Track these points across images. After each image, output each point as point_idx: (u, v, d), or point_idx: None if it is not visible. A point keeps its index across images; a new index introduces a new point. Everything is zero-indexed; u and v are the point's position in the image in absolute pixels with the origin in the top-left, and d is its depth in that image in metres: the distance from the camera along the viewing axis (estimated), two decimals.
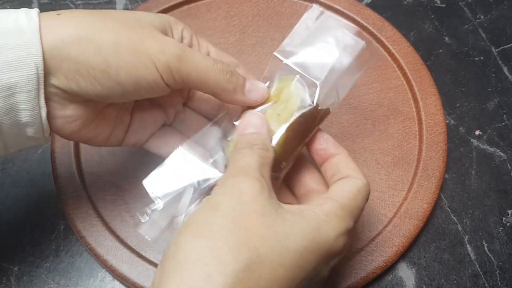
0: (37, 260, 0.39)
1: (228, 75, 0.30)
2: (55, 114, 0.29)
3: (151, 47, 0.27)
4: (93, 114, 0.31)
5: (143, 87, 0.28)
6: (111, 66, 0.27)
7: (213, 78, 0.29)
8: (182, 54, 0.28)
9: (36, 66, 0.26)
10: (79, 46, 0.27)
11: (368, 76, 0.47)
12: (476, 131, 0.46)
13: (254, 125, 0.30)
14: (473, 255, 0.40)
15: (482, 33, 0.52)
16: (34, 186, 0.42)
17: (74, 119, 0.30)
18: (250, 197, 0.25)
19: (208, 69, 0.29)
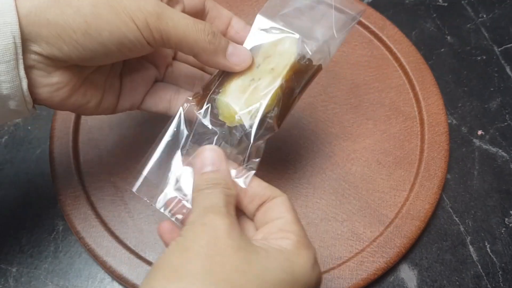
0: (36, 261, 0.39)
1: (209, 36, 0.29)
2: (41, 82, 0.28)
3: (130, 4, 0.27)
4: (80, 80, 0.30)
5: (125, 45, 0.28)
6: (92, 27, 0.26)
7: (193, 38, 0.29)
8: (160, 12, 0.27)
9: (13, 34, 0.25)
10: (57, 9, 0.26)
11: (369, 76, 0.47)
12: (479, 131, 0.46)
13: (211, 162, 0.29)
14: (475, 256, 0.40)
15: (484, 32, 0.52)
16: (33, 187, 0.42)
17: (60, 86, 0.29)
18: (223, 233, 0.24)
19: (188, 28, 0.28)
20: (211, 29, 0.29)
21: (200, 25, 0.29)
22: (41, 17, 0.26)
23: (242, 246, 0.24)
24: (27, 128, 0.45)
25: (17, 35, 0.25)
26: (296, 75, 0.31)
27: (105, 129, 0.44)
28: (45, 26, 0.26)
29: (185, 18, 0.29)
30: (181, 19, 0.28)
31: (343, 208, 0.41)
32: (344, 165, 0.43)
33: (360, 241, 0.39)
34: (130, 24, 0.27)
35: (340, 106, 0.46)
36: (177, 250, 0.24)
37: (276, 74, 0.31)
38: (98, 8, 0.26)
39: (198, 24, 0.29)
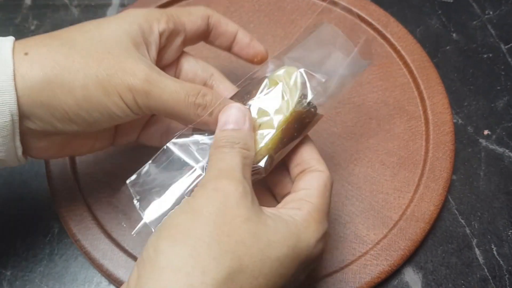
0: (31, 264, 0.39)
1: (199, 110, 0.30)
2: (30, 146, 0.30)
3: (119, 83, 0.28)
4: (69, 139, 0.32)
5: (115, 120, 0.30)
6: (83, 109, 0.28)
7: (182, 113, 0.30)
8: (148, 90, 0.28)
9: (11, 113, 0.27)
10: (50, 92, 0.28)
11: (373, 74, 0.47)
12: (485, 130, 0.46)
13: (235, 120, 0.30)
14: (481, 259, 0.40)
15: (491, 30, 0.52)
16: (27, 188, 0.42)
17: (49, 148, 0.31)
18: (234, 201, 0.25)
19: (177, 104, 0.29)
20: (203, 101, 0.30)
21: (191, 98, 0.29)
22: (35, 99, 0.27)
23: (251, 217, 0.25)
24: None
25: (15, 113, 0.27)
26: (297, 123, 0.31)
27: None
28: (39, 107, 0.28)
29: (174, 92, 0.29)
30: (170, 95, 0.29)
31: (345, 210, 0.41)
32: (346, 165, 0.43)
33: (363, 243, 0.39)
34: (119, 104, 0.29)
35: (343, 105, 0.46)
36: (187, 212, 0.25)
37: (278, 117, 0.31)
38: (89, 91, 0.28)
39: (189, 97, 0.29)
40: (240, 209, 0.25)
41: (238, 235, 0.24)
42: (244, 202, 0.25)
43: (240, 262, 0.23)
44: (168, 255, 0.23)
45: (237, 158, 0.28)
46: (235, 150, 0.28)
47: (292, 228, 0.26)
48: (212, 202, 0.25)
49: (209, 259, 0.23)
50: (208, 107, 0.30)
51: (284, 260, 0.25)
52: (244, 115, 0.30)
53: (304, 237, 0.26)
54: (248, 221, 0.25)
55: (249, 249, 0.24)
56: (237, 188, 0.26)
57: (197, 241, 0.24)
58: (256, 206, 0.26)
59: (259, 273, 0.24)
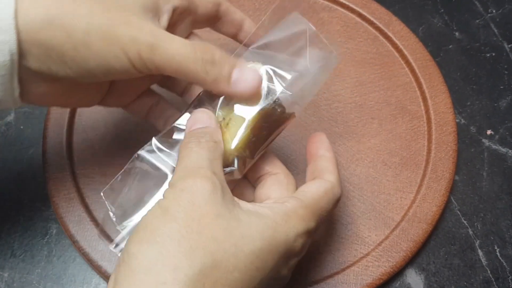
0: (28, 266, 0.39)
1: (208, 66, 0.28)
2: (27, 90, 0.29)
3: (122, 34, 0.27)
4: (65, 88, 0.31)
5: (114, 75, 0.29)
6: (80, 55, 0.27)
7: (190, 69, 0.28)
8: (154, 43, 0.27)
9: (11, 52, 0.26)
10: (49, 32, 0.27)
11: (374, 73, 0.47)
12: (488, 130, 0.46)
13: (201, 121, 0.30)
14: (484, 261, 0.40)
15: (494, 28, 0.52)
16: (25, 188, 0.42)
17: (44, 94, 0.30)
18: (202, 199, 0.25)
19: (185, 60, 0.28)
20: (212, 57, 0.29)
21: (198, 53, 0.28)
22: (34, 37, 0.27)
23: (221, 213, 0.25)
24: (19, 128, 0.45)
25: (15, 53, 0.27)
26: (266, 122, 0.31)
27: (100, 129, 0.44)
28: (36, 46, 0.27)
29: (182, 47, 0.28)
30: (177, 50, 0.28)
31: (347, 211, 0.41)
32: (348, 166, 0.43)
33: (365, 244, 0.39)
34: (120, 57, 0.27)
35: (344, 105, 0.46)
36: (156, 214, 0.25)
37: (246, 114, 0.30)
38: (90, 36, 0.27)
39: (197, 52, 0.28)
40: (209, 206, 0.25)
41: (209, 231, 0.24)
42: (213, 198, 0.25)
43: (213, 258, 0.23)
44: (138, 256, 0.24)
45: (203, 152, 0.28)
46: (201, 145, 0.28)
47: (268, 221, 0.26)
48: (180, 201, 0.25)
49: (180, 256, 0.23)
50: (217, 64, 0.29)
51: (259, 253, 0.25)
52: (209, 116, 0.30)
53: (281, 229, 0.26)
54: (218, 217, 0.25)
55: (221, 244, 0.24)
56: (204, 185, 0.25)
57: (166, 239, 0.24)
58: (228, 201, 0.26)
59: (234, 268, 0.24)
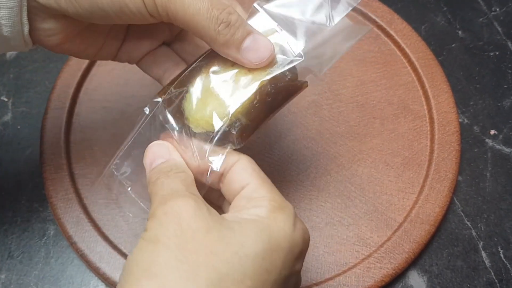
0: (26, 268, 0.39)
1: (221, 26, 0.27)
2: (34, 26, 0.29)
3: None
4: (76, 29, 0.30)
5: (126, 15, 0.28)
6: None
7: (201, 25, 0.27)
8: None
9: None
10: None
11: (376, 72, 0.47)
12: (491, 130, 0.46)
13: (160, 155, 0.29)
14: (488, 262, 0.40)
15: (497, 27, 0.52)
16: (22, 189, 0.43)
17: (54, 32, 0.30)
18: (188, 217, 0.24)
19: (198, 13, 0.27)
20: (227, 18, 0.27)
21: (214, 11, 0.27)
22: None
23: (212, 226, 0.24)
24: (17, 128, 0.45)
25: None
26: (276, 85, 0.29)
27: (98, 129, 0.44)
28: None
29: (199, 0, 0.27)
30: (193, 1, 0.27)
31: (349, 212, 0.41)
32: (350, 166, 0.43)
33: (366, 246, 0.39)
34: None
35: (345, 104, 0.46)
36: (145, 246, 0.24)
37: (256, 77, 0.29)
38: None
39: (213, 9, 0.27)
40: (198, 222, 0.24)
41: (205, 247, 0.23)
42: (199, 214, 0.24)
43: (217, 271, 0.23)
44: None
45: (175, 180, 0.27)
46: (170, 178, 0.27)
47: (260, 224, 0.25)
48: (166, 226, 0.24)
49: (183, 281, 0.22)
50: (231, 26, 0.27)
51: (264, 254, 0.24)
52: (168, 147, 0.29)
53: (276, 227, 0.25)
54: (211, 231, 0.24)
55: (222, 256, 0.23)
56: (187, 203, 0.25)
57: (164, 269, 0.23)
58: (214, 215, 0.25)
59: (243, 276, 0.23)
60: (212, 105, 0.29)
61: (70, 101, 0.45)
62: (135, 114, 0.45)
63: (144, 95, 0.46)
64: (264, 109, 0.29)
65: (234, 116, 0.28)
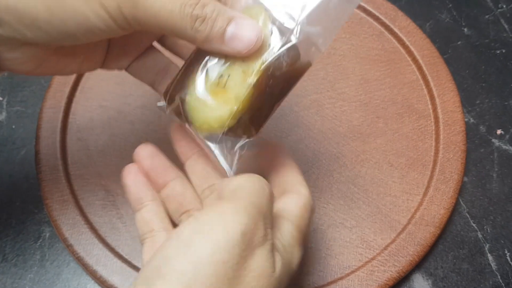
0: (20, 271, 0.39)
1: (197, 23, 0.26)
2: (2, 56, 0.28)
3: None
4: (48, 53, 0.30)
5: (96, 34, 0.27)
6: (55, 16, 0.26)
7: (178, 27, 0.26)
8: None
9: None
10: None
11: (380, 71, 0.47)
12: (498, 130, 0.46)
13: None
14: (494, 265, 0.40)
15: (504, 24, 0.52)
16: (17, 190, 0.43)
17: (25, 60, 0.29)
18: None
19: (171, 16, 0.26)
20: (202, 12, 0.26)
21: (187, 8, 0.26)
22: (2, 3, 0.25)
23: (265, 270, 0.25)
24: (11, 127, 0.46)
25: None
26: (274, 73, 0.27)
27: (95, 129, 0.44)
28: (3, 11, 0.26)
29: (168, 1, 0.26)
30: (162, 4, 0.26)
31: (352, 214, 0.41)
32: (353, 167, 0.43)
33: (370, 249, 0.39)
34: (100, 14, 0.26)
35: (348, 104, 0.46)
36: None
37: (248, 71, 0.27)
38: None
39: (185, 6, 0.26)
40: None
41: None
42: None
43: None
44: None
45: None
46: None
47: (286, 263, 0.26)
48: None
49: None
50: (208, 20, 0.26)
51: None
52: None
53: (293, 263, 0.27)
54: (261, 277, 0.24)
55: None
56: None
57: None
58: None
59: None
60: (211, 107, 0.28)
61: (66, 100, 0.45)
62: (132, 113, 0.45)
63: (141, 94, 0.46)
64: (267, 100, 0.28)
65: (235, 117, 0.28)
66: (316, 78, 0.47)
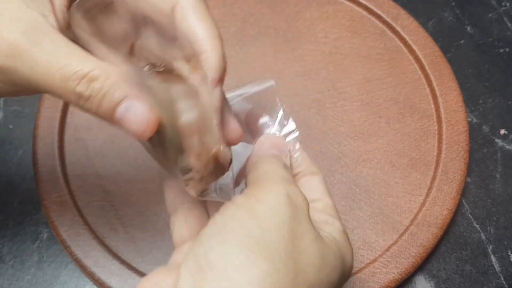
0: (18, 273, 0.39)
1: (82, 101, 0.23)
2: None
3: None
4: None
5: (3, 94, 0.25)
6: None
7: (57, 87, 0.23)
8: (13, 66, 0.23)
9: None
10: None
11: (382, 70, 0.47)
12: (501, 130, 0.46)
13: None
14: (497, 267, 0.40)
15: (507, 22, 0.52)
16: (14, 191, 0.43)
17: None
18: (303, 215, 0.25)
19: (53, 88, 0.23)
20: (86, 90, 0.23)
21: (71, 83, 0.23)
22: None
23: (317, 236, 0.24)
24: (8, 127, 0.46)
25: None
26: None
27: (93, 129, 0.44)
28: None
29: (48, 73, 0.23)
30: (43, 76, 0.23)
31: (353, 215, 0.41)
32: (354, 167, 0.43)
33: (372, 250, 0.39)
34: None
35: (350, 103, 0.46)
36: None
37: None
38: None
39: (68, 82, 0.23)
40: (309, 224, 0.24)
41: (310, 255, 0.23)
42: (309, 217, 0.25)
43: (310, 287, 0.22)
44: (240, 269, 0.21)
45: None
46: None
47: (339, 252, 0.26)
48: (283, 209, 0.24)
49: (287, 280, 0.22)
50: (93, 99, 0.23)
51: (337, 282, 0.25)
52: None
53: (347, 260, 0.26)
54: (316, 241, 0.24)
55: (319, 274, 0.23)
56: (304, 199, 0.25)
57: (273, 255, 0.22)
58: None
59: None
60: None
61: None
62: None
63: None
64: None
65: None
66: (317, 77, 0.47)
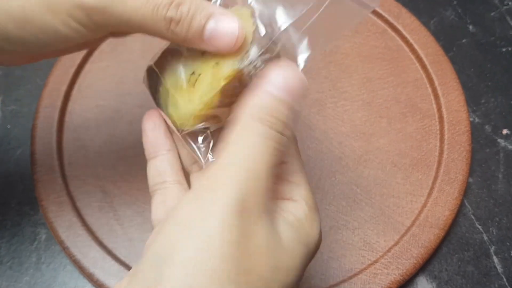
0: (16, 274, 0.39)
1: (173, 25, 0.25)
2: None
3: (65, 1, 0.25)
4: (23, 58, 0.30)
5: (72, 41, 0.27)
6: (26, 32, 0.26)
7: (154, 30, 0.26)
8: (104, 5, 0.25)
9: None
10: None
11: (383, 69, 0.47)
12: (504, 130, 0.46)
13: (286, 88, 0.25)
14: (500, 268, 0.40)
15: (510, 21, 0.52)
16: (12, 191, 0.43)
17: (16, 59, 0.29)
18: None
19: (144, 20, 0.25)
20: (176, 12, 0.25)
21: (160, 10, 0.25)
22: None
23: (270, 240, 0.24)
24: (6, 127, 0.46)
25: None
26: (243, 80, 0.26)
27: (92, 128, 0.44)
28: None
29: (140, 5, 0.25)
30: (134, 9, 0.25)
31: (354, 215, 0.41)
32: (355, 167, 0.43)
33: (373, 251, 0.39)
34: (70, 24, 0.26)
35: (351, 103, 0.46)
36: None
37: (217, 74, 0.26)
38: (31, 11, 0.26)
39: (157, 9, 0.25)
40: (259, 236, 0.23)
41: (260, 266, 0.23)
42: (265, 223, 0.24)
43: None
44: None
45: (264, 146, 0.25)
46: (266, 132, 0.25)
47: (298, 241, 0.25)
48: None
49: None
50: (184, 21, 0.25)
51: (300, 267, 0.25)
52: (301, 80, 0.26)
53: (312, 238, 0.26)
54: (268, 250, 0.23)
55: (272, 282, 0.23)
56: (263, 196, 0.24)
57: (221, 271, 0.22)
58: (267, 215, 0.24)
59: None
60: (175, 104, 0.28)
61: (62, 99, 0.45)
62: (130, 113, 0.45)
63: (140, 92, 0.46)
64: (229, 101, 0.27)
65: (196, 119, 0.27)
66: (318, 77, 0.47)
